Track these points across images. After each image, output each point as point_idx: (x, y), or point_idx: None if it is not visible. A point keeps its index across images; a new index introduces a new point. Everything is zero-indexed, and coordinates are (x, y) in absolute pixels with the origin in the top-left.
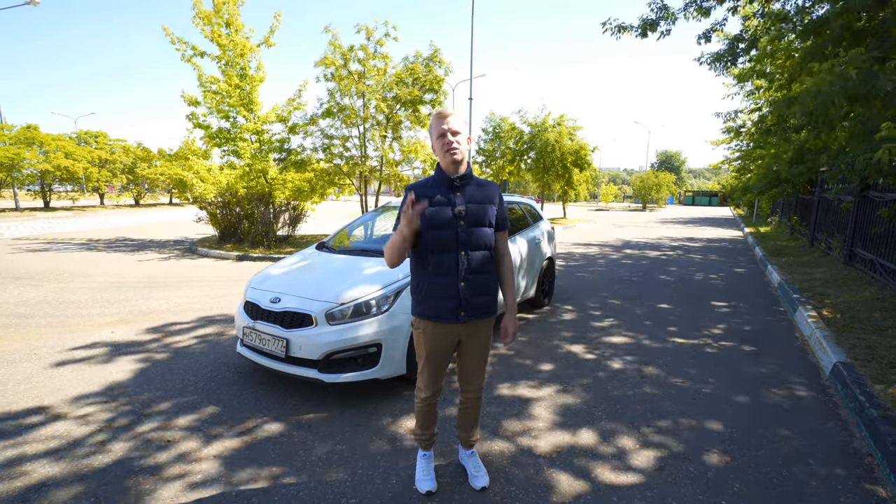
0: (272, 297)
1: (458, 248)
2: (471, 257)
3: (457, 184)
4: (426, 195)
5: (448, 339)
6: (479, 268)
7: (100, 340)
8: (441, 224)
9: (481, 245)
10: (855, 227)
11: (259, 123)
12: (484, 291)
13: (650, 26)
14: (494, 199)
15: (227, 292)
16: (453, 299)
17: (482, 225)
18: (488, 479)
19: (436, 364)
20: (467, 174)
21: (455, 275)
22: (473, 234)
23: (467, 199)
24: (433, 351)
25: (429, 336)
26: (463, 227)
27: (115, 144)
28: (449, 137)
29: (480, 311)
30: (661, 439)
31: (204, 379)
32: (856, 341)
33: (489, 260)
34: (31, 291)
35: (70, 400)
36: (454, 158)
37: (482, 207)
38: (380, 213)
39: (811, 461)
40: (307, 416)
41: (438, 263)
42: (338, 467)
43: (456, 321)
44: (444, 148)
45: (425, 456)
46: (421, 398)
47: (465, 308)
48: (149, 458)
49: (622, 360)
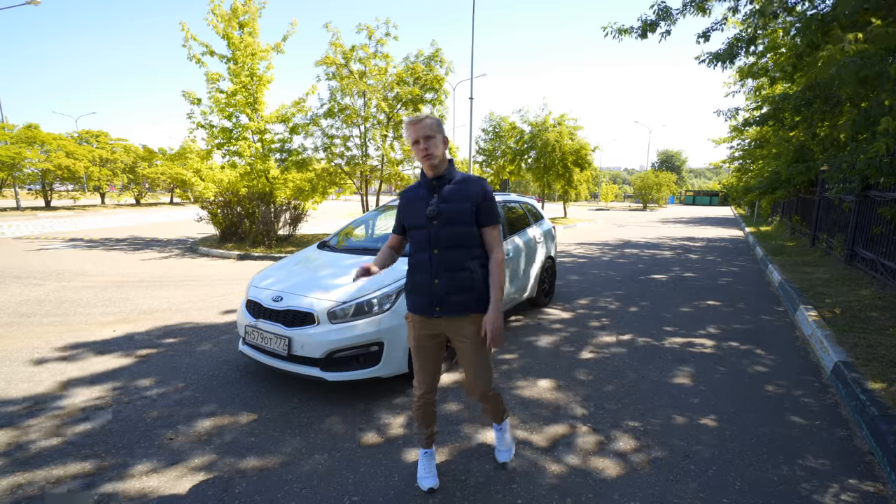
0: (274, 296)
1: (431, 246)
2: (445, 256)
3: (434, 184)
4: (412, 196)
5: (430, 333)
6: (455, 265)
7: (101, 339)
8: (416, 225)
9: (456, 243)
10: (856, 226)
11: (262, 123)
12: (462, 289)
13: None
14: (475, 196)
15: (228, 291)
16: (427, 296)
17: (457, 223)
18: (510, 456)
19: (421, 358)
20: (446, 174)
21: (428, 272)
22: (447, 232)
23: (443, 198)
24: (417, 344)
25: (414, 329)
26: (436, 226)
27: (116, 144)
28: (421, 144)
29: (458, 307)
30: (661, 438)
31: (206, 377)
32: (857, 340)
33: (470, 257)
34: (32, 290)
35: (71, 398)
36: (430, 163)
37: (458, 206)
38: (381, 212)
39: (812, 459)
40: (309, 415)
41: (416, 261)
42: (340, 465)
43: (433, 316)
44: (419, 154)
45: (426, 454)
46: (416, 396)
47: (438, 304)
48: (150, 456)
49: (621, 359)
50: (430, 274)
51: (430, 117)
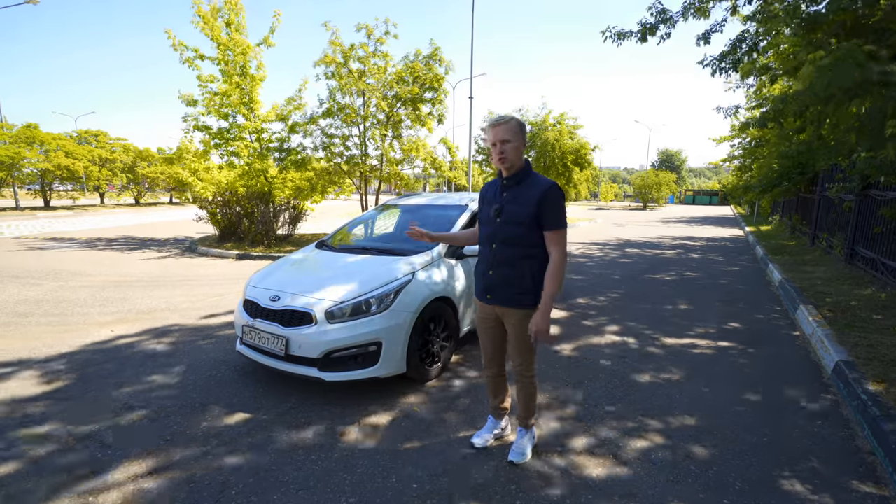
0: (272, 296)
1: (492, 241)
2: (501, 251)
3: (505, 184)
4: (486, 193)
5: (488, 317)
6: (507, 261)
7: (99, 339)
8: (484, 220)
9: (512, 241)
10: (856, 225)
11: (259, 123)
12: (510, 283)
13: (649, 31)
14: (537, 200)
15: (226, 291)
16: (482, 283)
17: (517, 223)
18: (520, 459)
19: (482, 337)
20: (517, 175)
21: (486, 263)
22: (506, 230)
23: (509, 198)
24: (479, 325)
25: (478, 311)
26: (498, 223)
27: (116, 143)
28: (498, 147)
29: (507, 299)
30: (660, 438)
31: (203, 378)
32: (857, 340)
33: (522, 256)
34: (30, 290)
35: (66, 398)
36: (502, 166)
37: (521, 207)
38: (380, 211)
39: (813, 460)
40: (307, 415)
41: (481, 252)
42: (337, 466)
43: (486, 302)
44: (494, 156)
45: (491, 420)
46: (485, 371)
47: (489, 292)
48: (145, 457)
49: (620, 359)
50: (487, 265)
51: (512, 120)
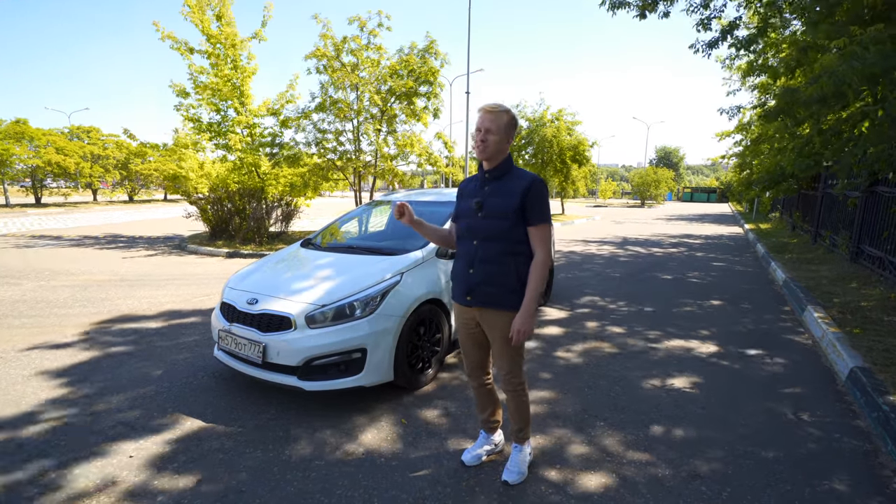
0: (249, 298)
1: (472, 236)
2: (483, 247)
3: (487, 177)
4: (466, 187)
5: (468, 321)
6: (490, 258)
7: (72, 342)
8: (463, 214)
9: (495, 236)
10: (862, 223)
11: (250, 117)
12: (493, 282)
13: (649, 6)
14: (521, 192)
15: (213, 291)
16: (462, 283)
17: (500, 217)
18: (514, 478)
19: (463, 345)
20: (499, 168)
21: (466, 261)
22: (487, 224)
23: (490, 192)
24: (459, 331)
25: (455, 315)
26: (479, 217)
27: (108, 139)
28: (480, 134)
29: (489, 299)
30: (667, 453)
31: (178, 385)
32: (872, 344)
33: (507, 252)
34: (8, 290)
35: (26, 408)
36: (480, 155)
37: (504, 199)
38: (372, 207)
39: (835, 479)
40: (285, 428)
41: (459, 249)
42: (314, 487)
43: (466, 304)
44: (475, 142)
45: (482, 435)
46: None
47: (470, 293)
48: (105, 473)
49: (621, 364)
50: (467, 263)
51: (504, 115)
